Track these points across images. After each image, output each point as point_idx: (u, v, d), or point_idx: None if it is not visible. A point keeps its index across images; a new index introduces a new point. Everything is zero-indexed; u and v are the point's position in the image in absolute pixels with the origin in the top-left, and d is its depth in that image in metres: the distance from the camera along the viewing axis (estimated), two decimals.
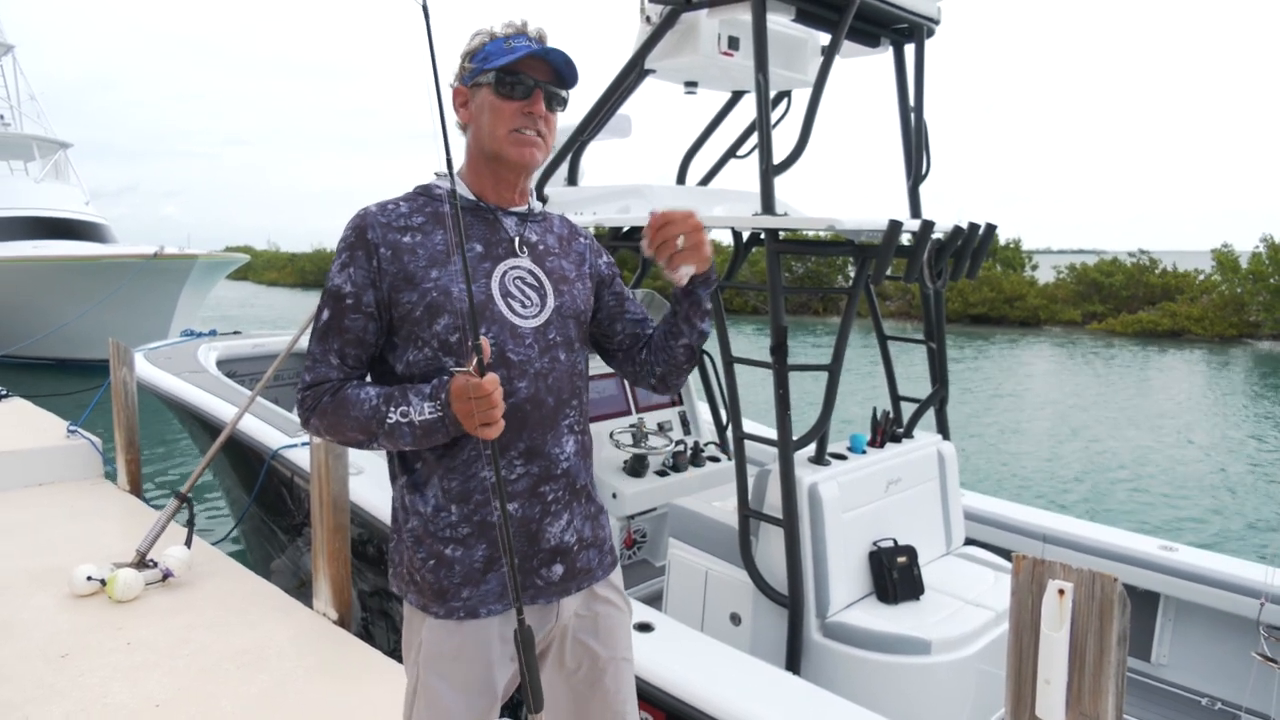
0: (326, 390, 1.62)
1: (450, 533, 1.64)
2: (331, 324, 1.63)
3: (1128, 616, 1.35)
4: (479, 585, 1.65)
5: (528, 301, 1.67)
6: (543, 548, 1.68)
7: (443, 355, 1.61)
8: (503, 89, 1.63)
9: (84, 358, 15.33)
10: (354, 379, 1.65)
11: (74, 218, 19.01)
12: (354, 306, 1.61)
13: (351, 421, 1.59)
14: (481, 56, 1.65)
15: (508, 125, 1.63)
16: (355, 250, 1.61)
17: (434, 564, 1.65)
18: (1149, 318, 24.74)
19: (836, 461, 3.27)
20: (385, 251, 1.60)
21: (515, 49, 1.62)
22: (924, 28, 3.48)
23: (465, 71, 1.68)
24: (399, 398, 1.56)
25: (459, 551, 1.64)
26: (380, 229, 1.61)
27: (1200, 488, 9.51)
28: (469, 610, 1.64)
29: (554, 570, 1.70)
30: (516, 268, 1.68)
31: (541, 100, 1.64)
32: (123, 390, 5.52)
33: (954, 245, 3.26)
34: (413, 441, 1.58)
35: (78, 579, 3.67)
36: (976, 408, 13.84)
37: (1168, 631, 3.71)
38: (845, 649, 2.94)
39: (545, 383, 1.66)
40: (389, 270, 1.60)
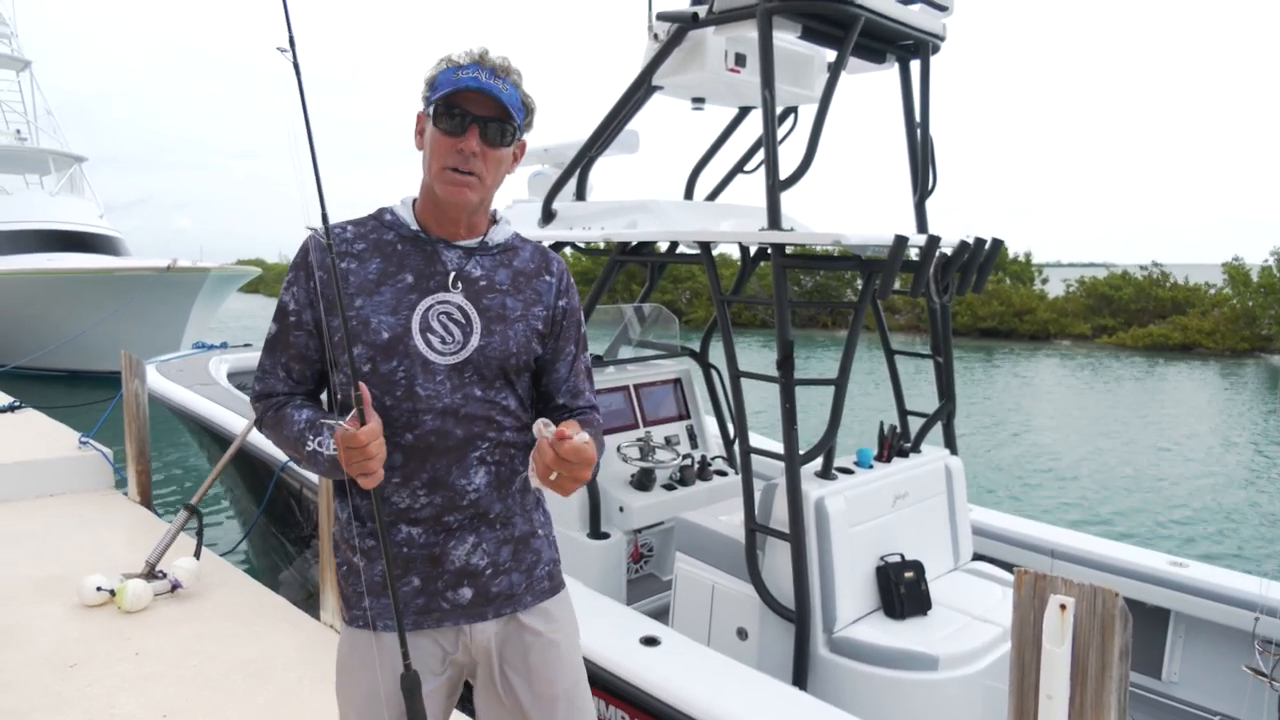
0: (272, 405, 1.68)
1: (358, 543, 1.68)
2: (278, 338, 1.69)
3: (1129, 631, 1.35)
4: (379, 599, 1.65)
5: (448, 338, 1.64)
6: (447, 569, 1.67)
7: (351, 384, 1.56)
8: (440, 122, 1.59)
9: (97, 369, 15.44)
10: (300, 392, 1.70)
11: (88, 231, 19.19)
12: (296, 324, 1.67)
13: (284, 440, 1.66)
14: (433, 87, 1.61)
15: (441, 162, 1.60)
16: (299, 270, 1.67)
17: (345, 570, 1.71)
18: (1160, 331, 24.61)
19: (843, 476, 3.27)
20: (322, 275, 1.62)
21: (459, 81, 1.57)
22: (929, 44, 3.49)
23: (424, 99, 1.64)
24: (318, 427, 1.60)
25: (364, 562, 1.67)
26: (321, 252, 1.61)
27: (1213, 503, 9.43)
28: (367, 621, 1.67)
29: (461, 593, 1.68)
30: (445, 302, 1.64)
31: (475, 136, 1.58)
32: (134, 402, 5.56)
33: (960, 260, 3.26)
34: (326, 473, 1.61)
35: (87, 589, 3.69)
36: (985, 422, 13.78)
37: (1178, 648, 3.68)
38: (852, 664, 2.93)
39: (455, 417, 1.63)
40: (325, 294, 1.62)
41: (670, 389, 4.55)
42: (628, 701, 2.68)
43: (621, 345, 4.66)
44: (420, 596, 1.65)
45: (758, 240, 3.27)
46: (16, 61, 21.40)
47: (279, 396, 1.69)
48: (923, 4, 3.41)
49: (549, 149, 4.35)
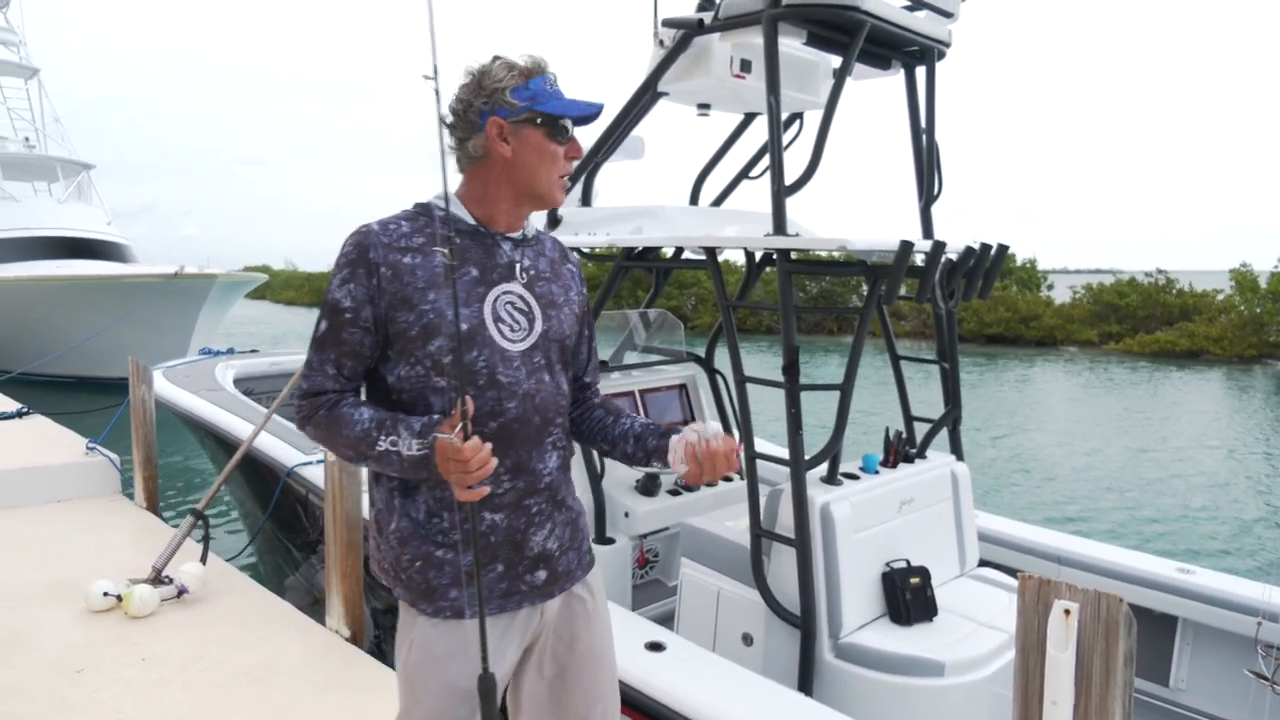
0: (324, 403, 1.68)
1: (442, 538, 1.70)
2: (329, 335, 1.67)
3: (1134, 637, 1.34)
4: (468, 587, 1.70)
5: (516, 326, 1.73)
6: (527, 555, 1.75)
7: (434, 375, 1.67)
8: (557, 132, 1.70)
9: (104, 376, 15.48)
10: (349, 390, 1.71)
11: (96, 238, 19.28)
12: (352, 321, 1.65)
13: (343, 439, 1.65)
14: (528, 95, 1.67)
15: (558, 170, 1.73)
16: (356, 267, 1.65)
17: (421, 564, 1.71)
18: (1166, 338, 24.53)
19: (849, 481, 3.26)
20: (386, 271, 1.64)
21: (559, 94, 1.71)
22: (935, 50, 3.50)
23: (507, 105, 1.67)
24: (390, 426, 1.62)
25: (450, 555, 1.70)
26: (382, 249, 1.65)
27: (1220, 510, 9.39)
28: (455, 610, 1.71)
29: (538, 575, 1.77)
30: (509, 293, 1.73)
31: (576, 142, 1.75)
32: (141, 408, 5.58)
33: (966, 265, 3.26)
34: (399, 471, 1.64)
35: (94, 594, 3.70)
36: (991, 428, 13.74)
37: (1186, 655, 3.66)
38: (858, 670, 2.92)
39: (532, 403, 1.73)
40: (389, 289, 1.64)
41: (675, 394, 4.55)
42: (633, 707, 2.68)
43: (627, 351, 4.66)
44: (503, 581, 1.73)
45: (763, 245, 3.27)
46: (24, 69, 21.53)
47: (329, 394, 1.68)
48: (929, 10, 3.42)
49: None
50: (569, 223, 3.86)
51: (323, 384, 1.68)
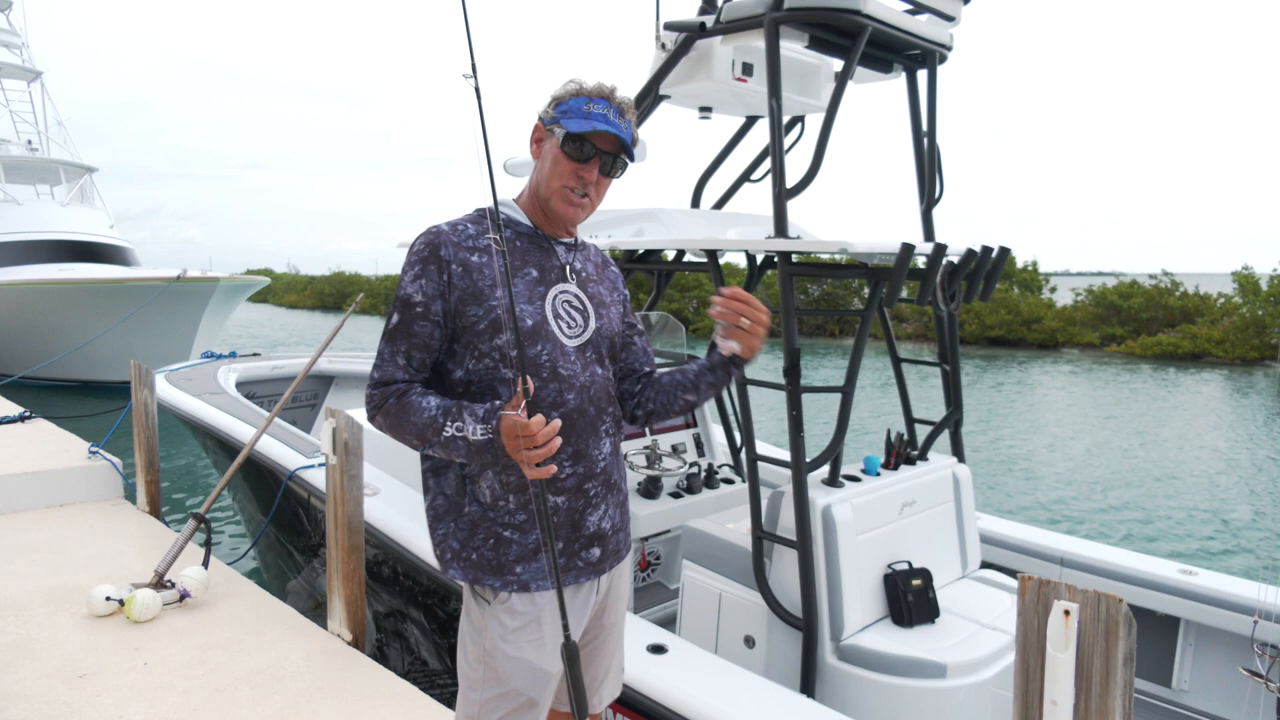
0: (393, 392, 1.78)
1: (509, 519, 1.85)
2: (400, 328, 1.79)
3: (1134, 637, 1.34)
4: (530, 563, 1.86)
5: (574, 323, 1.87)
6: (584, 534, 1.90)
7: (502, 367, 1.81)
8: (567, 147, 1.80)
9: (106, 379, 15.52)
10: (418, 380, 1.82)
11: (98, 241, 19.31)
12: (423, 315, 1.77)
13: (410, 426, 1.75)
14: (563, 108, 1.81)
15: (562, 181, 1.82)
16: (428, 264, 1.77)
17: (493, 543, 1.86)
18: (1169, 340, 24.51)
19: (850, 483, 3.26)
20: (456, 268, 1.77)
21: (591, 115, 1.79)
22: (936, 54, 3.50)
23: (547, 114, 1.84)
24: (455, 413, 1.73)
25: (515, 535, 1.85)
26: (452, 247, 1.78)
27: (1222, 510, 9.38)
28: (521, 584, 1.85)
29: (593, 552, 1.92)
30: (565, 292, 1.88)
31: (597, 167, 1.82)
32: (143, 412, 5.59)
33: (966, 268, 3.26)
34: (466, 456, 1.74)
35: (96, 599, 3.71)
36: (993, 430, 13.73)
37: (1188, 657, 3.65)
38: (860, 672, 2.92)
39: (589, 394, 1.87)
40: (459, 285, 1.77)
41: None
42: (635, 709, 2.68)
43: None
44: (562, 558, 1.87)
45: (764, 248, 3.27)
46: (27, 72, 21.59)
47: (399, 384, 1.79)
48: (930, 14, 3.42)
49: None
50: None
51: (393, 374, 1.79)
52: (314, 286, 55.47)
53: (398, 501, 3.96)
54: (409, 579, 3.77)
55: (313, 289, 55.11)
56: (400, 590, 3.88)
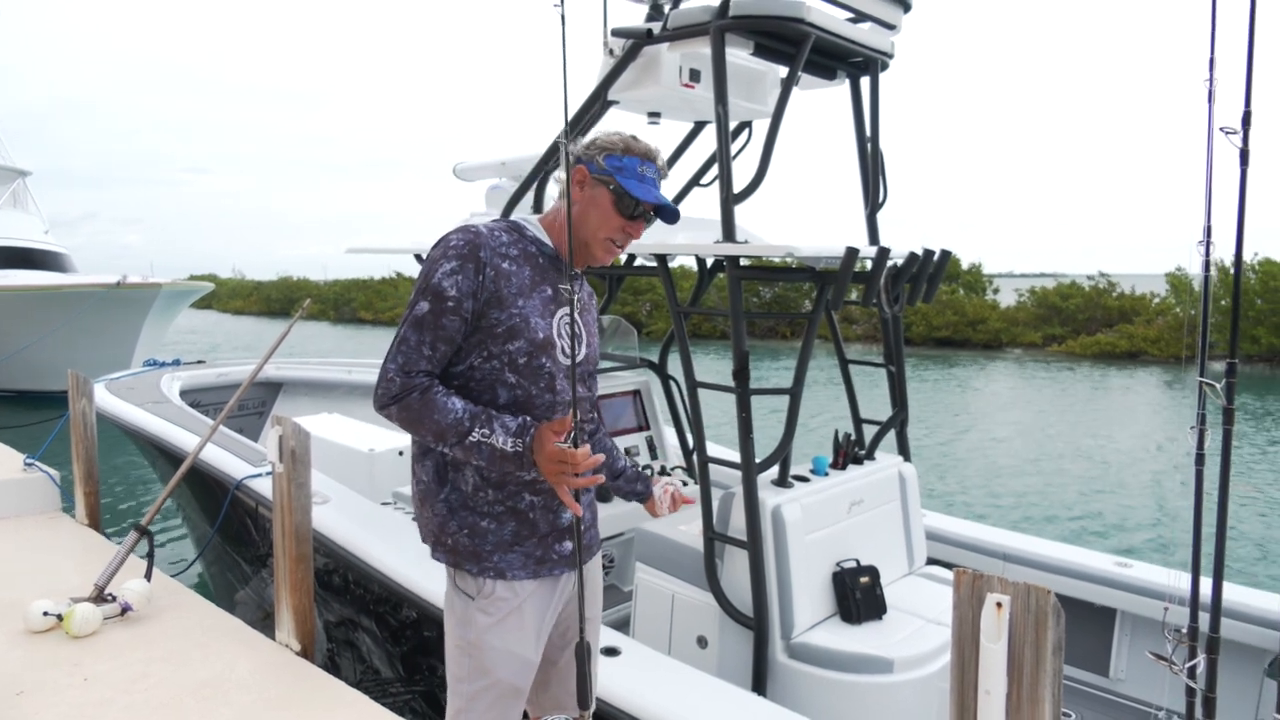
0: (417, 386, 1.85)
1: (487, 509, 1.97)
2: (429, 319, 1.85)
3: (1062, 627, 1.40)
4: (507, 553, 1.97)
5: (569, 345, 1.99)
6: (558, 528, 2.04)
7: (507, 371, 1.91)
8: (623, 206, 1.96)
9: (44, 389, 15.03)
10: (436, 373, 1.90)
11: (33, 247, 18.71)
12: (454, 309, 1.85)
13: (432, 423, 1.83)
14: (617, 164, 1.95)
15: (609, 233, 1.97)
16: (467, 262, 1.86)
17: (468, 532, 1.97)
18: (1107, 340, 25.24)
19: (799, 484, 3.31)
20: (490, 271, 1.87)
21: (645, 179, 1.95)
22: (878, 61, 3.58)
23: (595, 162, 1.96)
24: (485, 420, 1.84)
25: (492, 524, 1.97)
26: (490, 251, 1.88)
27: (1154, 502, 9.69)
28: (497, 571, 1.96)
29: (565, 545, 2.04)
30: (566, 315, 1.99)
31: (643, 226, 2.01)
32: (82, 422, 5.43)
33: (910, 271, 3.34)
34: (487, 462, 1.86)
35: (33, 614, 3.60)
36: (940, 429, 14.01)
37: (1125, 646, 3.78)
38: (810, 669, 2.97)
39: (579, 410, 1.93)
40: (489, 287, 1.87)
41: (630, 400, 4.57)
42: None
43: None
44: (539, 549, 2.00)
45: (712, 252, 3.31)
46: None
47: (420, 376, 1.86)
48: (872, 23, 3.50)
49: (506, 162, 4.36)
50: None
51: (416, 362, 1.85)
52: (260, 292, 54.37)
53: (348, 509, 3.92)
54: (360, 587, 3.73)
55: (259, 294, 54.01)
56: (351, 599, 3.84)
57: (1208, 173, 2.05)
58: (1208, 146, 2.04)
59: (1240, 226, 2.06)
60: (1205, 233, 2.09)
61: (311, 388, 7.30)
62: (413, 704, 3.57)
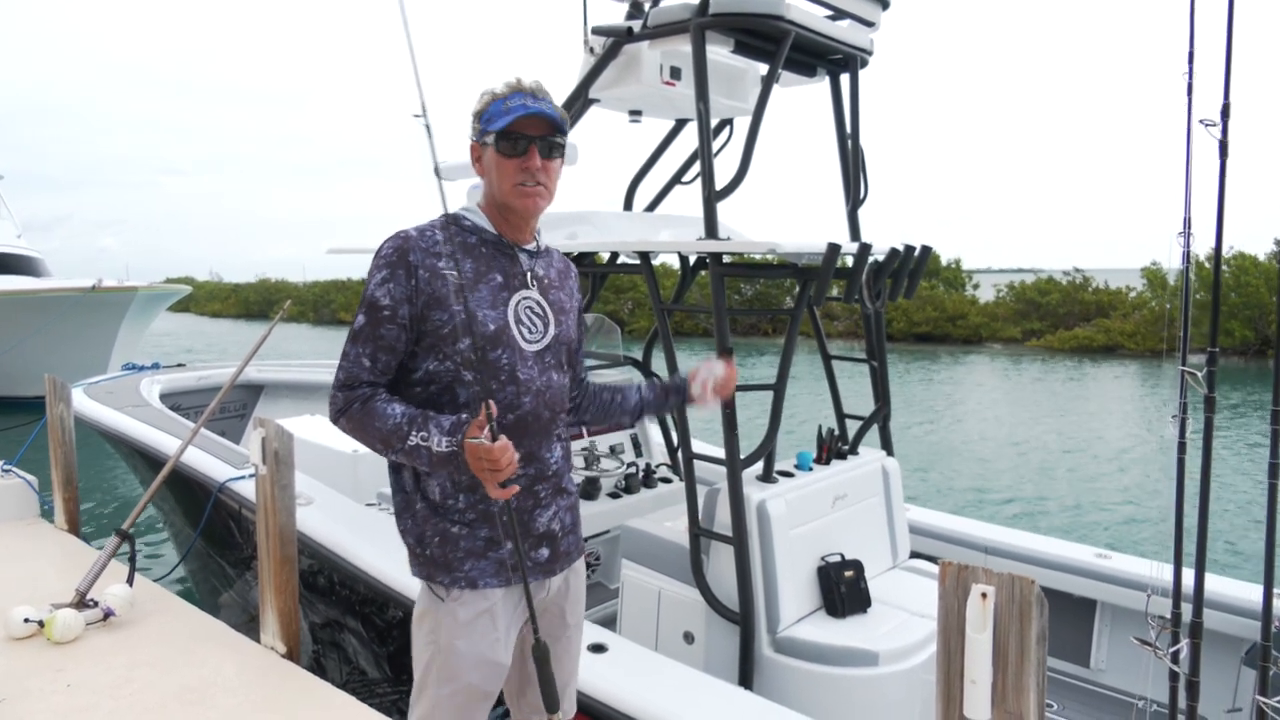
0: (358, 397, 1.82)
1: (458, 516, 1.91)
2: (366, 331, 1.83)
3: (1046, 617, 1.43)
4: (479, 560, 1.91)
5: (534, 328, 1.93)
6: (533, 534, 1.97)
7: (463, 370, 1.85)
8: (504, 149, 1.85)
9: (19, 395, 14.83)
10: (382, 383, 1.86)
11: (5, 251, 18.42)
12: (390, 318, 1.81)
13: (375, 432, 1.80)
14: (486, 118, 1.86)
15: (510, 180, 1.86)
16: (396, 268, 1.81)
17: (439, 540, 1.91)
18: (1084, 334, 25.51)
19: (784, 479, 3.33)
20: (423, 274, 1.82)
21: (511, 109, 1.83)
22: (857, 58, 3.60)
23: (475, 131, 1.90)
24: (421, 422, 1.78)
25: (464, 531, 1.91)
26: (420, 253, 1.83)
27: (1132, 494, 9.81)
28: (469, 581, 1.91)
29: (542, 553, 1.99)
30: (528, 298, 1.93)
31: (536, 154, 1.85)
32: (59, 427, 5.37)
33: (891, 266, 3.37)
34: (428, 466, 1.79)
35: (14, 621, 3.56)
36: (921, 424, 14.11)
37: (1105, 637, 3.83)
38: (796, 663, 2.99)
39: (544, 399, 1.93)
40: (425, 290, 1.81)
41: None
42: (578, 709, 2.70)
43: None
44: (512, 557, 1.92)
45: (695, 249, 3.32)
46: None
47: (364, 387, 1.83)
48: (851, 20, 3.52)
49: None
50: None
51: (358, 375, 1.83)
52: (238, 294, 53.88)
53: (332, 510, 3.90)
54: (345, 588, 3.72)
55: (237, 297, 53.53)
56: (337, 600, 3.82)
57: (1187, 165, 2.08)
58: (1187, 139, 2.07)
59: (1220, 217, 2.10)
60: (1185, 224, 2.13)
61: (293, 389, 7.26)
62: (400, 704, 3.56)
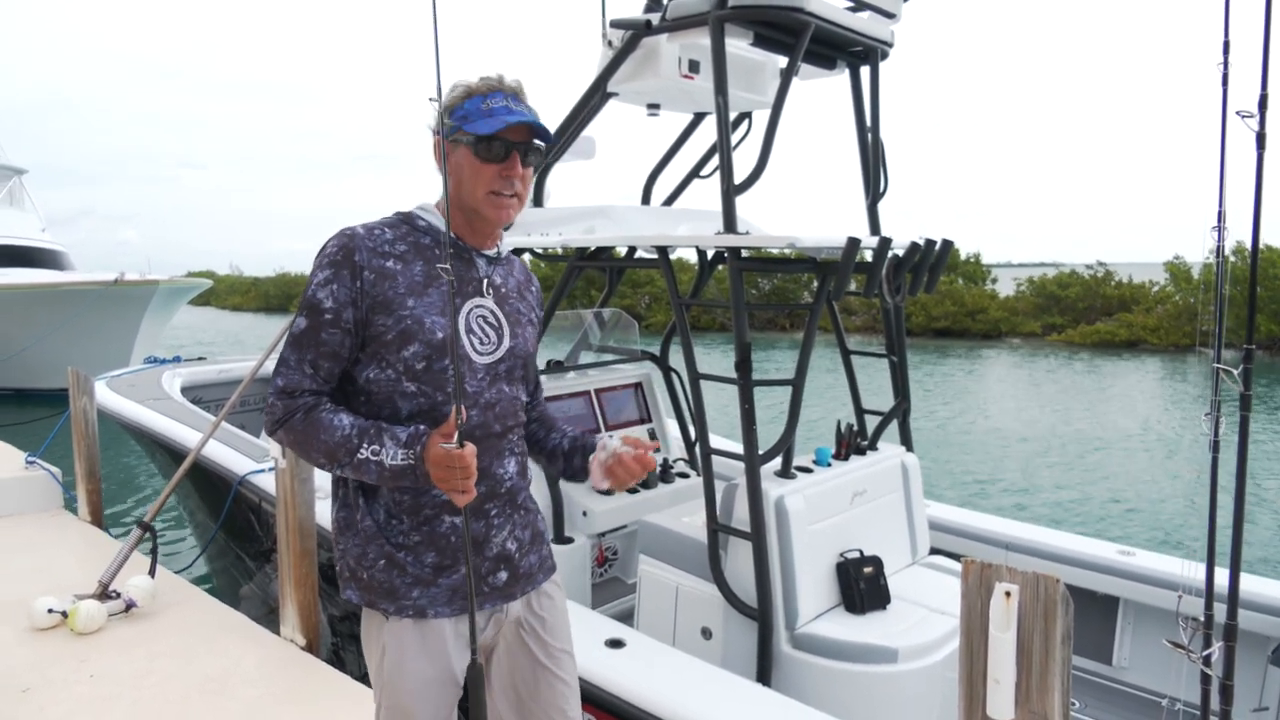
0: (301, 406, 1.68)
1: (402, 539, 1.74)
2: (307, 335, 1.68)
3: (1071, 616, 1.40)
4: (429, 587, 1.75)
5: (486, 339, 1.78)
6: (488, 556, 1.80)
7: (405, 380, 1.70)
8: (481, 152, 1.70)
9: (43, 387, 15.02)
10: (325, 391, 1.71)
11: (30, 245, 18.68)
12: (332, 322, 1.67)
13: (320, 444, 1.66)
14: (460, 114, 1.70)
15: (486, 187, 1.72)
16: (340, 269, 1.67)
17: (384, 564, 1.74)
18: (1106, 328, 25.23)
19: (802, 474, 3.31)
20: (369, 275, 1.67)
21: (493, 111, 1.69)
22: (878, 50, 3.57)
23: (446, 125, 1.72)
24: (373, 435, 1.64)
25: (409, 557, 1.74)
26: (367, 252, 1.68)
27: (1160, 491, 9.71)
28: (417, 610, 1.74)
29: (499, 576, 1.82)
30: (481, 306, 1.78)
31: (518, 162, 1.72)
32: (83, 419, 5.43)
33: (912, 260, 3.33)
34: (378, 479, 1.66)
35: (38, 612, 3.61)
36: (941, 420, 14.02)
37: (1128, 635, 3.79)
38: (814, 660, 2.97)
39: (493, 412, 1.79)
40: (370, 292, 1.67)
41: (631, 393, 4.57)
42: (595, 704, 2.70)
43: (582, 350, 4.68)
44: (465, 583, 1.75)
45: (714, 244, 3.31)
46: None
47: (305, 396, 1.69)
48: (871, 11, 3.48)
49: None
50: (521, 224, 3.87)
51: (299, 382, 1.68)
52: (258, 288, 54.25)
53: None
54: None
55: (257, 290, 53.91)
56: None
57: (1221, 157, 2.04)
58: (1221, 130, 2.03)
59: (1258, 210, 2.05)
60: (1219, 217, 2.08)
61: None
62: None
